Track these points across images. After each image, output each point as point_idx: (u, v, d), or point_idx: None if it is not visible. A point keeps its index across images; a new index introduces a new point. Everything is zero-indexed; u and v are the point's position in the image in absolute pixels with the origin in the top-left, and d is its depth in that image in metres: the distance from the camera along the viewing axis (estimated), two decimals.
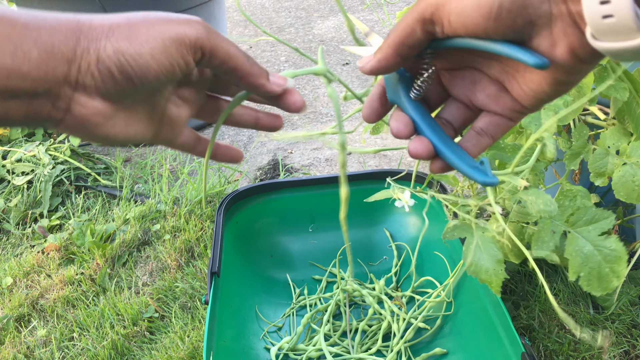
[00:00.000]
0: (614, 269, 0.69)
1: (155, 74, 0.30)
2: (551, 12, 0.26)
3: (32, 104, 0.28)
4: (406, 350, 0.88)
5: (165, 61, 0.30)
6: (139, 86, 0.30)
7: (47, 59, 0.27)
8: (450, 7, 0.27)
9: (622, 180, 0.74)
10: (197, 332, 1.01)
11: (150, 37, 0.30)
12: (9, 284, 1.20)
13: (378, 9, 2.98)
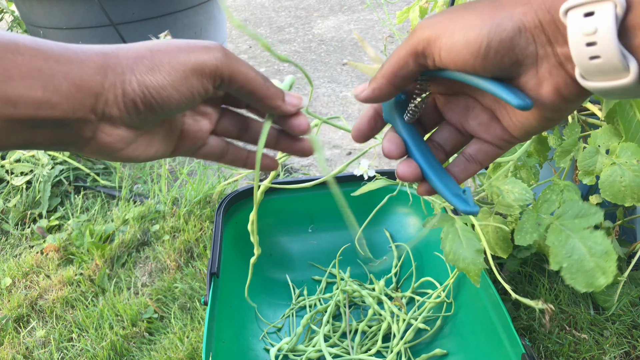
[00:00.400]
0: (599, 264, 0.68)
1: (176, 103, 0.32)
2: (537, 53, 0.27)
3: (58, 132, 0.30)
4: (406, 351, 0.88)
5: (187, 91, 0.31)
6: (161, 114, 0.32)
7: (76, 92, 0.29)
8: (441, 43, 0.28)
9: (609, 179, 0.74)
10: (196, 333, 1.00)
11: (172, 69, 0.31)
12: (7, 284, 1.19)
13: (378, 8, 2.98)
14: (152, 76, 0.30)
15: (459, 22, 0.28)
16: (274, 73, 2.34)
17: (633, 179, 0.73)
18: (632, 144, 0.74)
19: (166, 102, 0.31)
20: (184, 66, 0.31)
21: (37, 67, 0.28)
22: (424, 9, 1.22)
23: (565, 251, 0.70)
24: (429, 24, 0.29)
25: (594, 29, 0.23)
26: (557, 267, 0.70)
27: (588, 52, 0.24)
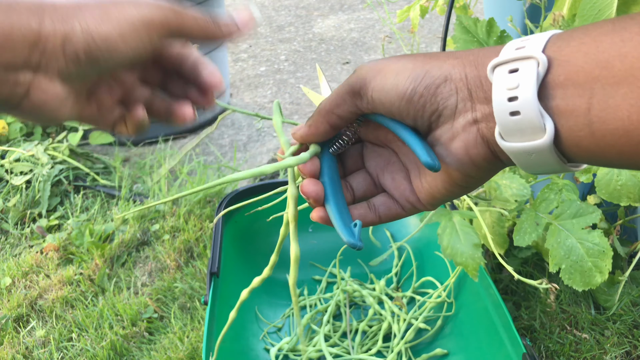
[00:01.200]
0: (596, 264, 0.68)
1: (121, 56, 0.30)
2: (457, 106, 0.27)
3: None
4: (407, 351, 0.87)
5: (134, 43, 0.30)
6: (101, 69, 0.30)
7: (5, 40, 0.26)
8: (375, 83, 0.29)
9: (606, 178, 0.74)
10: (196, 333, 1.00)
11: (120, 18, 0.29)
12: (7, 284, 1.19)
13: (378, 7, 2.97)
14: (97, 24, 0.28)
15: (394, 66, 0.29)
16: (274, 72, 2.34)
17: (629, 178, 0.73)
18: None
19: (111, 54, 0.29)
20: (132, 17, 0.29)
21: None
22: (425, 8, 1.22)
23: (564, 252, 0.70)
24: (369, 66, 0.30)
25: (516, 84, 0.24)
26: (556, 268, 0.70)
27: (509, 107, 0.25)
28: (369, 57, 2.42)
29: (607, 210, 1.02)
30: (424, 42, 2.46)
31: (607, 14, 0.60)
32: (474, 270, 0.72)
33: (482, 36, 0.76)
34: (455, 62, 0.28)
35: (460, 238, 0.73)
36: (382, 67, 0.30)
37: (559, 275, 0.72)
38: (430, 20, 2.76)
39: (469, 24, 0.76)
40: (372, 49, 2.51)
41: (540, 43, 0.25)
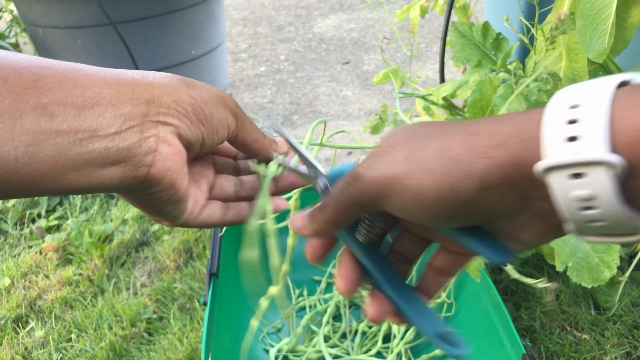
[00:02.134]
0: (603, 259, 0.68)
1: (216, 124, 0.32)
2: (509, 209, 0.23)
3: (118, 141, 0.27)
4: (406, 352, 0.87)
5: (222, 115, 0.32)
6: (205, 134, 0.31)
7: (121, 97, 0.28)
8: (392, 203, 0.25)
9: None
10: (195, 334, 1.00)
11: (208, 92, 0.32)
12: (6, 284, 1.19)
13: (378, 7, 2.97)
14: (194, 91, 0.31)
15: (407, 182, 0.24)
16: (273, 72, 2.34)
17: None
18: None
19: (211, 117, 0.31)
20: (214, 91, 0.32)
21: (73, 78, 0.26)
22: (425, 7, 1.22)
23: (569, 250, 0.70)
24: (373, 178, 0.25)
25: (588, 195, 0.20)
26: (563, 267, 0.70)
27: (585, 216, 0.20)
28: (368, 57, 2.42)
29: None
30: (423, 42, 2.46)
31: (606, 14, 0.59)
32: (475, 270, 0.72)
33: (478, 39, 0.76)
34: (484, 164, 0.22)
35: None
36: (391, 182, 0.25)
37: (559, 274, 0.72)
38: (430, 20, 2.75)
39: (464, 29, 0.76)
40: (372, 48, 2.51)
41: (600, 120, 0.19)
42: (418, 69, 2.14)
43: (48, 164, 0.25)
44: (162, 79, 0.30)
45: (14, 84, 0.24)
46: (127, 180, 0.28)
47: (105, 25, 1.46)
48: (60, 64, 0.27)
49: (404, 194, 0.24)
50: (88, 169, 0.26)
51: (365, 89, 2.10)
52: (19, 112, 0.24)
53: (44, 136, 0.24)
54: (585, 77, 0.73)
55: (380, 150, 0.26)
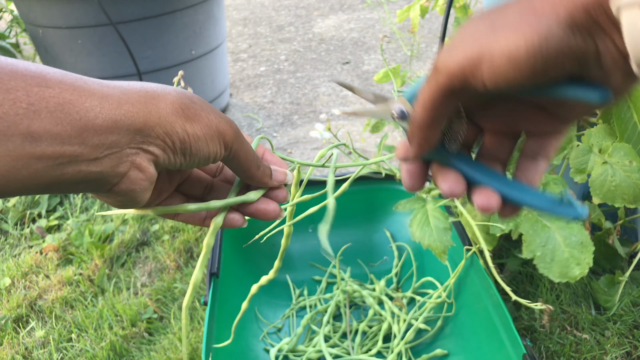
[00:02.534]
0: (574, 255, 0.68)
1: (202, 156, 0.33)
2: (598, 48, 0.24)
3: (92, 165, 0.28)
4: (407, 352, 0.87)
5: (212, 148, 0.33)
6: (186, 163, 0.33)
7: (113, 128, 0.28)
8: (482, 75, 0.25)
9: (600, 179, 0.73)
10: (196, 333, 1.00)
11: (206, 125, 0.33)
12: (7, 284, 1.19)
13: (378, 7, 2.97)
14: (191, 125, 0.32)
15: (496, 45, 0.24)
16: (273, 72, 2.34)
17: (624, 179, 0.72)
18: (626, 145, 0.74)
19: (197, 152, 0.32)
20: (214, 125, 0.33)
21: (69, 101, 0.26)
22: (425, 7, 1.22)
23: (540, 240, 0.70)
24: (457, 58, 0.25)
25: None
26: (531, 255, 0.70)
27: None
28: (368, 57, 2.42)
29: (607, 210, 1.02)
30: (424, 42, 2.46)
31: None
32: (441, 252, 0.73)
33: None
34: (571, 5, 0.23)
35: (429, 222, 0.75)
36: (479, 54, 0.25)
37: None
38: (430, 20, 2.75)
39: None
40: (372, 48, 2.51)
41: None
42: (418, 69, 2.13)
43: (24, 185, 0.26)
44: (164, 107, 0.31)
45: (7, 110, 0.24)
46: (88, 190, 0.30)
47: (106, 25, 1.46)
48: (62, 81, 0.27)
49: (495, 60, 0.24)
50: (58, 186, 0.28)
51: (365, 88, 2.10)
52: (6, 137, 0.24)
53: (25, 161, 0.25)
54: None
55: (458, 36, 0.26)
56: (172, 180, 0.38)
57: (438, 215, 0.75)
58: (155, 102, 0.30)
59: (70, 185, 0.28)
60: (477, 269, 0.85)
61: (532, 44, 0.23)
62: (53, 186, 0.27)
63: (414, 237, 0.75)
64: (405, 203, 0.82)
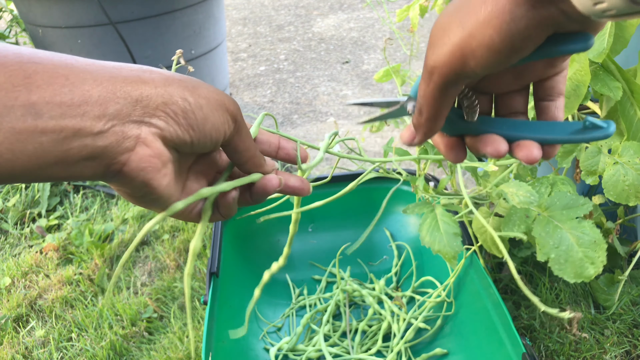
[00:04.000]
0: (588, 254, 0.68)
1: (209, 129, 0.32)
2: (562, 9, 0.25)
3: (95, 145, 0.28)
4: (406, 351, 0.87)
5: (219, 118, 0.32)
6: (195, 138, 0.31)
7: (110, 96, 0.28)
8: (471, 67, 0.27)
9: (613, 179, 0.74)
10: (196, 333, 1.00)
11: (207, 95, 0.31)
12: (7, 284, 1.19)
13: (378, 7, 2.97)
14: (191, 95, 0.30)
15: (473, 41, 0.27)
16: (273, 72, 2.34)
17: (636, 177, 0.72)
18: (635, 143, 0.74)
19: (203, 123, 0.31)
20: (215, 96, 0.32)
21: (63, 75, 0.26)
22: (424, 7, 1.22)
23: (553, 242, 0.70)
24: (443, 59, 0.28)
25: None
26: (545, 258, 0.70)
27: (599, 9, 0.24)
28: (368, 56, 2.42)
29: (607, 209, 1.02)
30: (423, 42, 2.46)
31: None
32: (452, 258, 0.73)
33: None
34: None
35: (439, 227, 0.74)
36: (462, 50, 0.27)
37: None
38: (430, 20, 2.76)
39: None
40: (371, 48, 2.51)
41: None
42: (418, 69, 2.13)
43: (31, 160, 0.26)
44: (158, 78, 0.30)
45: (3, 82, 0.24)
46: (99, 174, 0.29)
47: (105, 25, 1.46)
48: (52, 59, 0.27)
49: (477, 53, 0.27)
50: (66, 163, 0.27)
51: (365, 88, 2.10)
52: (7, 109, 0.24)
53: (29, 134, 0.25)
54: (588, 78, 0.73)
55: (435, 37, 0.29)
56: (200, 180, 0.37)
57: (448, 220, 0.75)
58: (149, 74, 0.30)
59: (79, 164, 0.28)
60: (477, 268, 0.85)
61: (502, 31, 0.25)
62: (61, 164, 0.27)
63: (424, 242, 0.75)
64: (413, 207, 0.81)
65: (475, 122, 0.33)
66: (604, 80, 0.73)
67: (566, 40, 0.27)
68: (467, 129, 0.34)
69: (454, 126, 0.34)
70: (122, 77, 0.29)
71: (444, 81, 0.29)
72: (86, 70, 0.28)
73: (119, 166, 0.29)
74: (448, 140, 0.35)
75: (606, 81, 0.73)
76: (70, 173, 0.28)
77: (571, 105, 0.73)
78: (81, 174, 0.28)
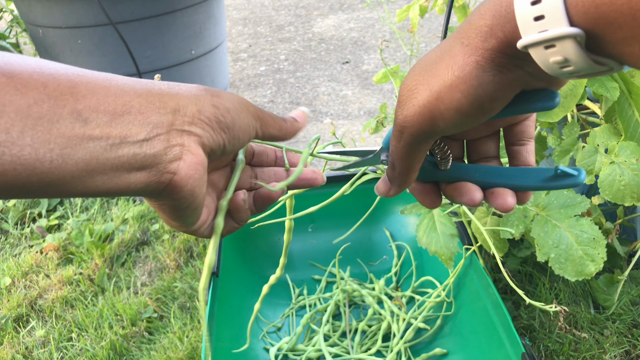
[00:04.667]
0: (587, 252, 0.68)
1: (237, 130, 0.33)
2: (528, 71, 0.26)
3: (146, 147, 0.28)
4: (406, 351, 0.87)
5: (245, 120, 0.33)
6: (227, 140, 0.32)
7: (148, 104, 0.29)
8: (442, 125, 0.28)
9: (609, 179, 0.74)
10: (195, 333, 1.00)
11: (231, 99, 0.33)
12: (7, 284, 1.19)
13: (378, 7, 2.97)
14: (218, 102, 0.32)
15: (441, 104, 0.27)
16: (273, 72, 2.34)
17: (632, 177, 0.72)
18: (631, 143, 0.74)
19: (233, 125, 0.32)
20: (236, 99, 0.33)
21: (105, 86, 0.28)
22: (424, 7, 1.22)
23: (552, 241, 0.70)
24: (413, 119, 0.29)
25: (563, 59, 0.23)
26: (545, 257, 0.70)
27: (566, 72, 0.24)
28: (368, 56, 2.42)
29: (606, 209, 1.02)
30: (423, 42, 2.46)
31: None
32: (447, 259, 0.73)
33: None
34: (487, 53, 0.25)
35: (436, 228, 0.74)
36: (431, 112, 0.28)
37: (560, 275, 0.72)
38: (429, 20, 2.76)
39: None
40: (371, 48, 2.51)
41: None
42: None
43: (80, 167, 0.26)
44: (187, 90, 0.31)
45: (53, 90, 0.25)
46: (151, 185, 0.29)
47: (106, 25, 1.46)
48: (94, 74, 0.28)
49: (446, 115, 0.27)
50: (116, 173, 0.28)
51: (365, 88, 2.10)
52: (57, 116, 0.25)
53: (78, 140, 0.26)
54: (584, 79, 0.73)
55: (403, 97, 0.30)
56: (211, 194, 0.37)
57: (445, 221, 0.75)
58: (178, 87, 0.31)
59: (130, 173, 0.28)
60: (476, 268, 0.85)
61: (470, 96, 0.26)
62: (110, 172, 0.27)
63: (421, 242, 0.75)
64: (411, 208, 0.82)
65: (448, 169, 0.34)
66: (601, 80, 0.73)
67: (533, 98, 0.28)
68: (441, 176, 0.34)
69: (428, 174, 0.35)
70: (157, 90, 0.30)
71: (414, 139, 0.30)
72: (125, 83, 0.29)
73: (170, 175, 0.29)
74: (423, 187, 0.36)
75: (603, 81, 0.73)
76: (120, 183, 0.28)
77: (567, 105, 0.73)
78: (131, 185, 0.29)
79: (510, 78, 0.26)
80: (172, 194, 0.30)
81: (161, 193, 0.30)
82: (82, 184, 0.27)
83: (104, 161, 0.27)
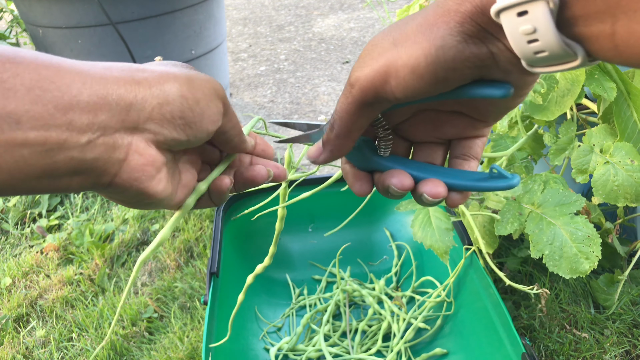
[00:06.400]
0: (582, 250, 0.68)
1: (206, 123, 0.30)
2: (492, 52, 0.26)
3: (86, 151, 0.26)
4: (406, 351, 0.87)
5: (213, 111, 0.31)
6: (191, 135, 0.30)
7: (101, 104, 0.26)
8: (392, 87, 0.27)
9: (602, 179, 0.74)
10: (196, 333, 1.00)
11: (202, 86, 0.30)
12: (7, 284, 1.19)
13: (378, 7, 2.97)
14: (188, 91, 0.29)
15: (400, 60, 0.26)
16: (273, 72, 2.34)
17: (626, 178, 0.72)
18: (626, 144, 0.74)
19: (200, 118, 0.30)
20: (209, 85, 0.31)
21: (47, 77, 0.24)
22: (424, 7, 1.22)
23: (546, 238, 0.70)
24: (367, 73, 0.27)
25: (532, 29, 0.23)
26: (539, 254, 0.70)
27: (532, 48, 0.24)
28: None
29: (606, 209, 1.02)
30: None
31: None
32: (442, 252, 0.74)
33: None
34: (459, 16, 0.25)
35: (431, 223, 0.75)
36: (387, 68, 0.27)
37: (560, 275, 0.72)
38: None
39: None
40: None
41: None
42: None
43: (12, 174, 0.24)
44: (152, 77, 0.28)
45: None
46: (87, 186, 0.27)
47: (106, 25, 1.46)
48: (36, 59, 0.24)
49: (400, 73, 0.26)
50: (51, 177, 0.25)
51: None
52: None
53: (9, 147, 0.23)
54: (582, 77, 0.73)
55: (365, 51, 0.28)
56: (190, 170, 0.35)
57: (440, 216, 0.75)
58: (142, 73, 0.28)
59: (65, 177, 0.26)
60: (477, 268, 0.85)
61: (429, 55, 0.25)
62: (45, 178, 0.25)
63: (416, 237, 0.75)
64: (407, 204, 0.82)
65: (386, 158, 0.33)
66: (599, 80, 0.73)
67: (487, 85, 0.27)
68: (377, 164, 0.33)
69: (366, 160, 0.34)
70: (113, 79, 0.26)
71: (363, 96, 0.28)
72: (73, 71, 0.25)
73: (109, 178, 0.27)
74: (357, 172, 0.34)
75: (601, 81, 0.73)
76: (57, 186, 0.26)
77: (564, 104, 0.73)
78: (68, 187, 0.26)
79: (473, 52, 0.25)
80: (114, 193, 0.29)
81: (102, 192, 0.29)
82: (13, 188, 0.24)
83: (39, 167, 0.24)
